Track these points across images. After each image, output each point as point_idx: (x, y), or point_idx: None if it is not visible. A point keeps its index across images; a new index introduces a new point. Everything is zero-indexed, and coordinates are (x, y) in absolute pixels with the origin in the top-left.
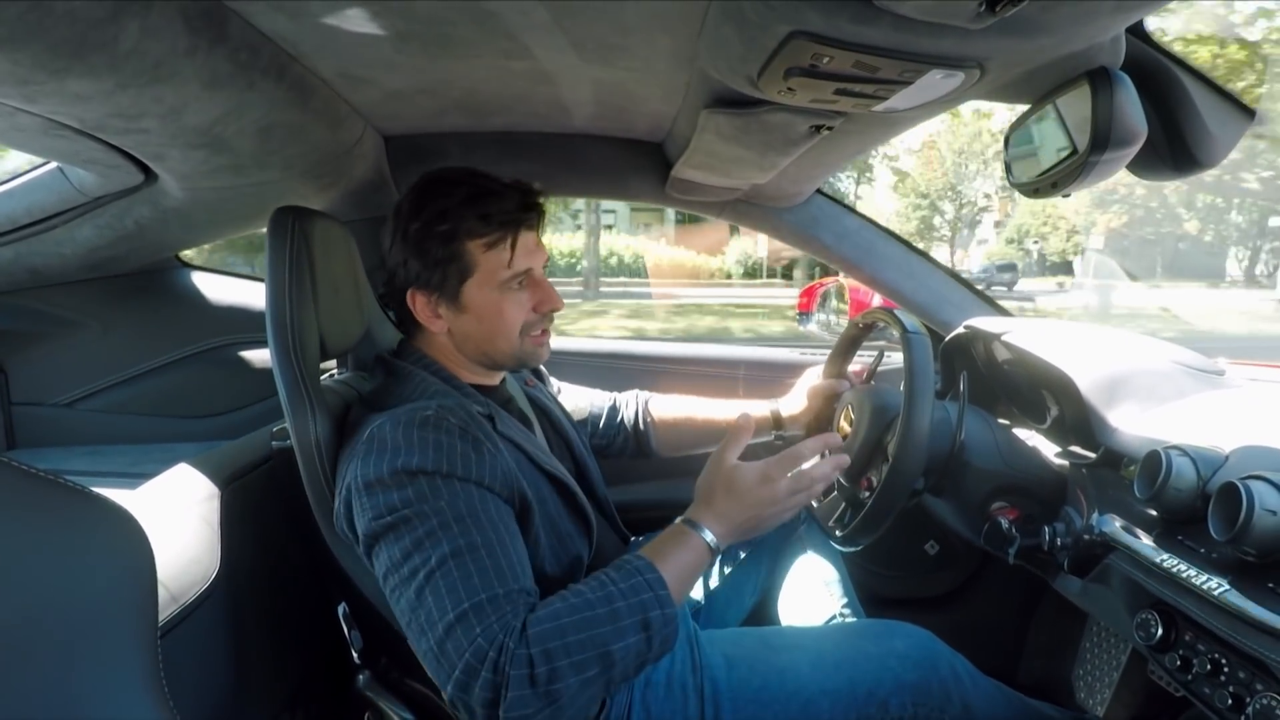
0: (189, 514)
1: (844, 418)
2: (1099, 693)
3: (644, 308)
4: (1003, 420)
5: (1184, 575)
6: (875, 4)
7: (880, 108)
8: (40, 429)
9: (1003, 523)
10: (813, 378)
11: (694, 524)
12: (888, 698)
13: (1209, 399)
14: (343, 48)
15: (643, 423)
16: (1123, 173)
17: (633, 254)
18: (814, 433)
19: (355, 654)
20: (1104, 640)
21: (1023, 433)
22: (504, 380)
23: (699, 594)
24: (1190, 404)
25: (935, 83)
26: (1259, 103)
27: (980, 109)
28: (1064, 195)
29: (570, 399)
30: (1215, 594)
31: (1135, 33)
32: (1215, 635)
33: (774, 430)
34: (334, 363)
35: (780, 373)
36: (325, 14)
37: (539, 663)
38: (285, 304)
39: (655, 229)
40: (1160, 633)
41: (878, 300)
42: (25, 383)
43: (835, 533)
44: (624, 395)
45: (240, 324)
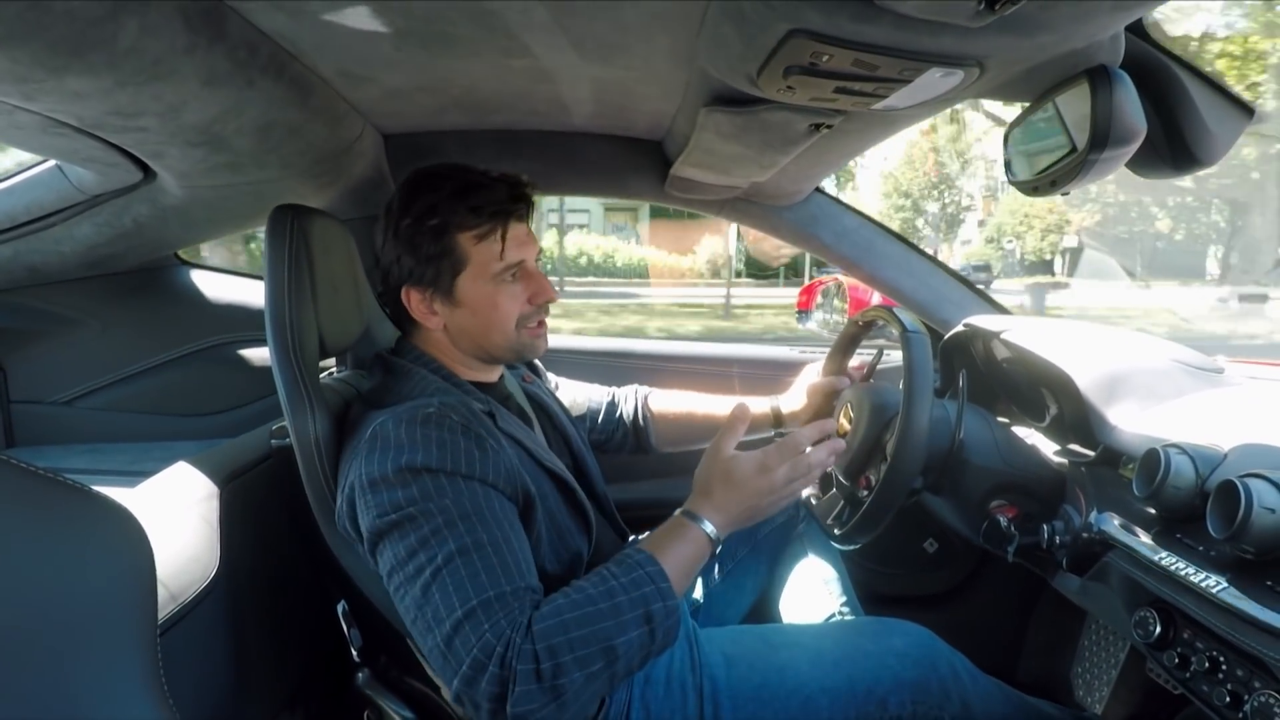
0: (188, 512)
1: (843, 415)
2: (1097, 690)
3: (589, 307)
4: (1002, 418)
5: (1182, 573)
6: (875, 2)
7: (879, 106)
8: (39, 427)
9: (1001, 521)
10: (812, 375)
11: (693, 515)
12: (887, 695)
13: (1208, 397)
14: (342, 46)
15: (642, 418)
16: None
17: (603, 254)
18: None
19: (355, 652)
20: (1102, 638)
21: (1022, 431)
22: (502, 377)
23: (698, 592)
24: (1189, 402)
25: (935, 81)
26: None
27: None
28: (1063, 194)
29: (568, 395)
30: (1213, 592)
31: (1134, 31)
32: (1213, 633)
33: (774, 427)
34: (333, 361)
35: (778, 371)
36: (324, 12)
37: (544, 658)
38: (284, 302)
39: (630, 229)
40: (1159, 630)
41: (877, 298)
42: (24, 381)
43: (834, 531)
44: (623, 390)
45: (239, 322)
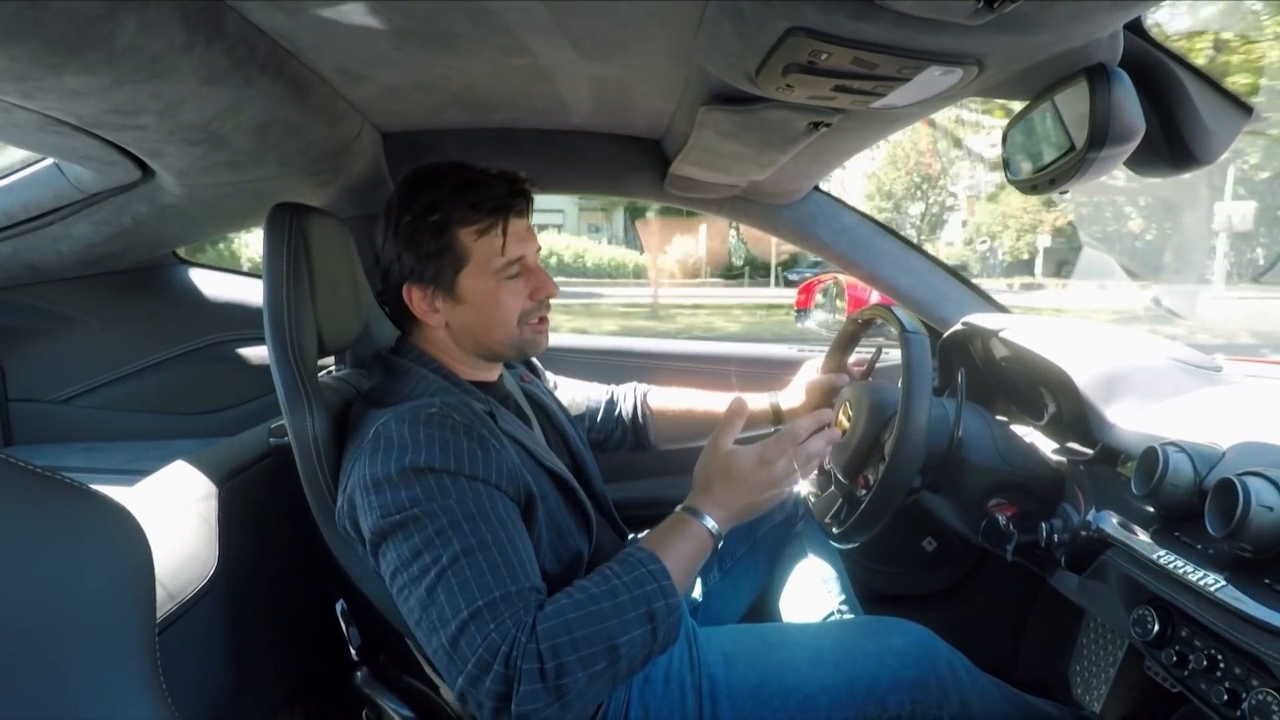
0: (187, 511)
1: (842, 413)
2: (1096, 688)
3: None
4: (1000, 417)
5: (1181, 571)
6: (874, 1)
7: (878, 104)
8: (37, 425)
9: (1000, 519)
10: (811, 372)
11: (694, 511)
12: (886, 695)
13: (1206, 396)
14: (340, 44)
15: (641, 415)
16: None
17: (573, 254)
18: None
19: (353, 651)
20: (1101, 636)
21: (1020, 429)
22: (501, 376)
23: (697, 591)
24: (1187, 401)
25: (934, 79)
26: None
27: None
28: (1061, 192)
29: (567, 394)
30: (1212, 590)
31: (1133, 29)
32: (1212, 631)
33: (773, 424)
34: (331, 360)
35: (777, 369)
36: (323, 10)
37: (548, 658)
38: (283, 301)
39: (605, 229)
40: (1157, 628)
41: (875, 297)
42: (22, 379)
43: (833, 530)
44: (622, 388)
45: (238, 321)
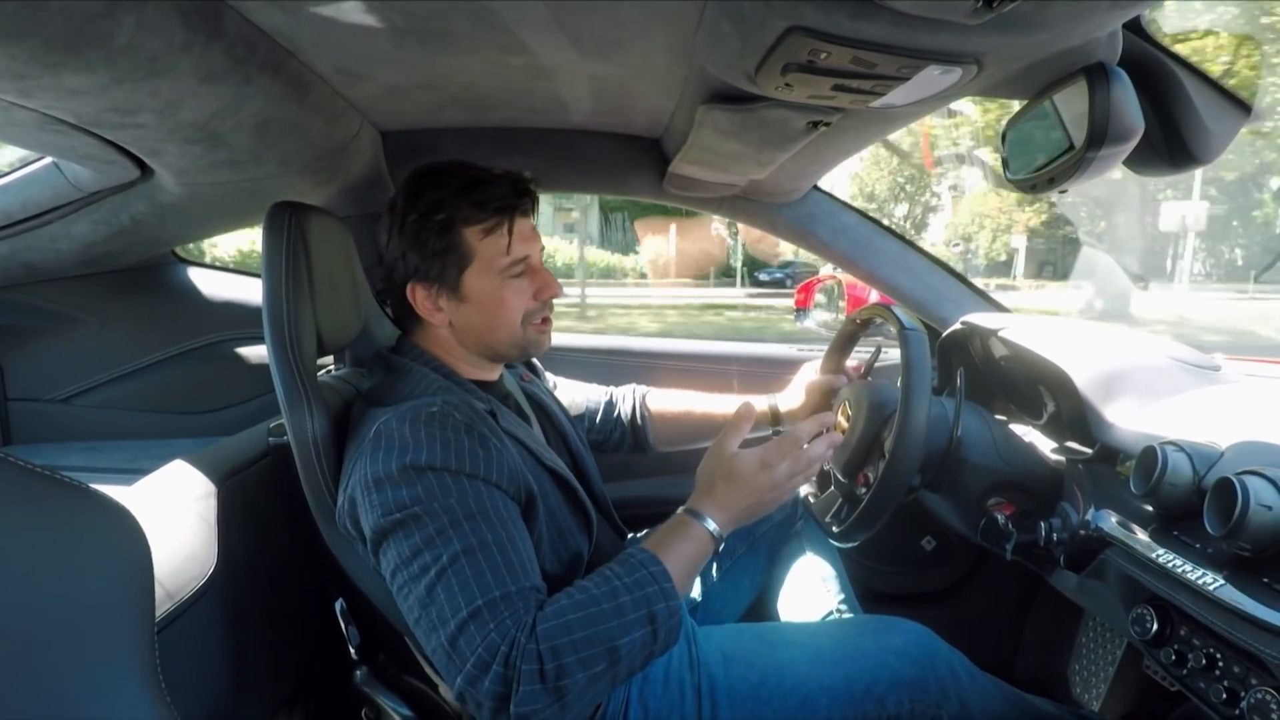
0: (186, 510)
1: (841, 413)
2: (1095, 687)
3: None
4: (999, 416)
5: (1179, 570)
6: (873, 0)
7: (878, 103)
8: (36, 424)
9: (999, 518)
10: (810, 373)
11: (696, 513)
12: (885, 694)
13: (1205, 395)
14: (339, 43)
15: (640, 417)
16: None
17: (544, 254)
18: None
19: (353, 650)
20: (1100, 635)
21: (1019, 429)
22: (501, 376)
23: (696, 591)
24: (1186, 400)
25: (933, 78)
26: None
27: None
28: (1061, 191)
29: (566, 394)
30: (1210, 589)
31: (1132, 28)
32: (1210, 630)
33: (771, 425)
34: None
35: (776, 369)
36: (322, 9)
37: (548, 659)
38: (282, 300)
39: (580, 229)
40: (1156, 627)
41: (874, 296)
42: (21, 378)
43: (832, 529)
44: (620, 390)
45: (237, 320)
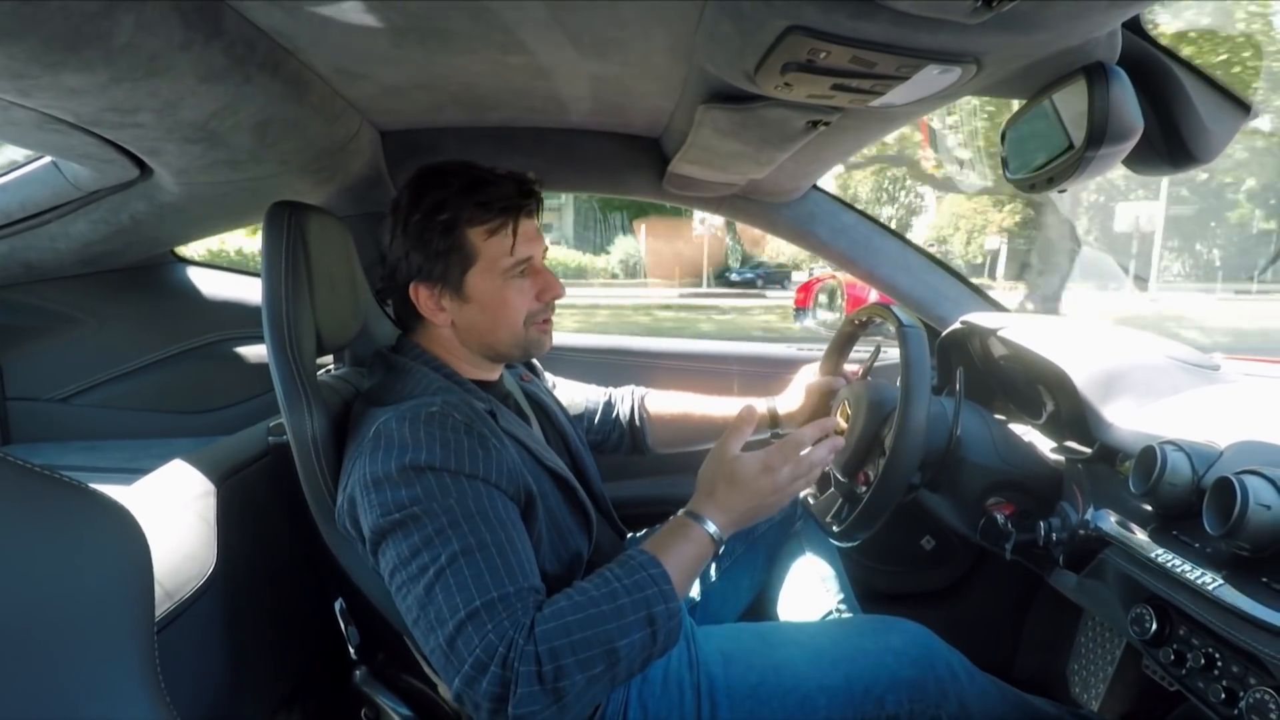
0: (185, 510)
1: (840, 413)
2: (1094, 687)
3: None
4: (999, 416)
5: (1178, 570)
6: None
7: (877, 103)
8: (36, 424)
9: (999, 518)
10: (809, 375)
11: (696, 516)
12: (884, 694)
13: (1204, 394)
14: (339, 42)
15: (638, 419)
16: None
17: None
18: None
19: (352, 650)
20: (1099, 635)
21: (1019, 428)
22: (501, 376)
23: (695, 590)
24: (1185, 399)
25: (932, 78)
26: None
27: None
28: (1060, 191)
29: (566, 394)
30: (1209, 589)
31: (1131, 28)
32: (1209, 630)
33: (770, 429)
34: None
35: (776, 368)
36: (321, 8)
37: (546, 660)
38: (281, 299)
39: (556, 229)
40: (1155, 627)
41: (874, 296)
42: (20, 378)
43: (832, 528)
44: (619, 391)
45: (236, 319)
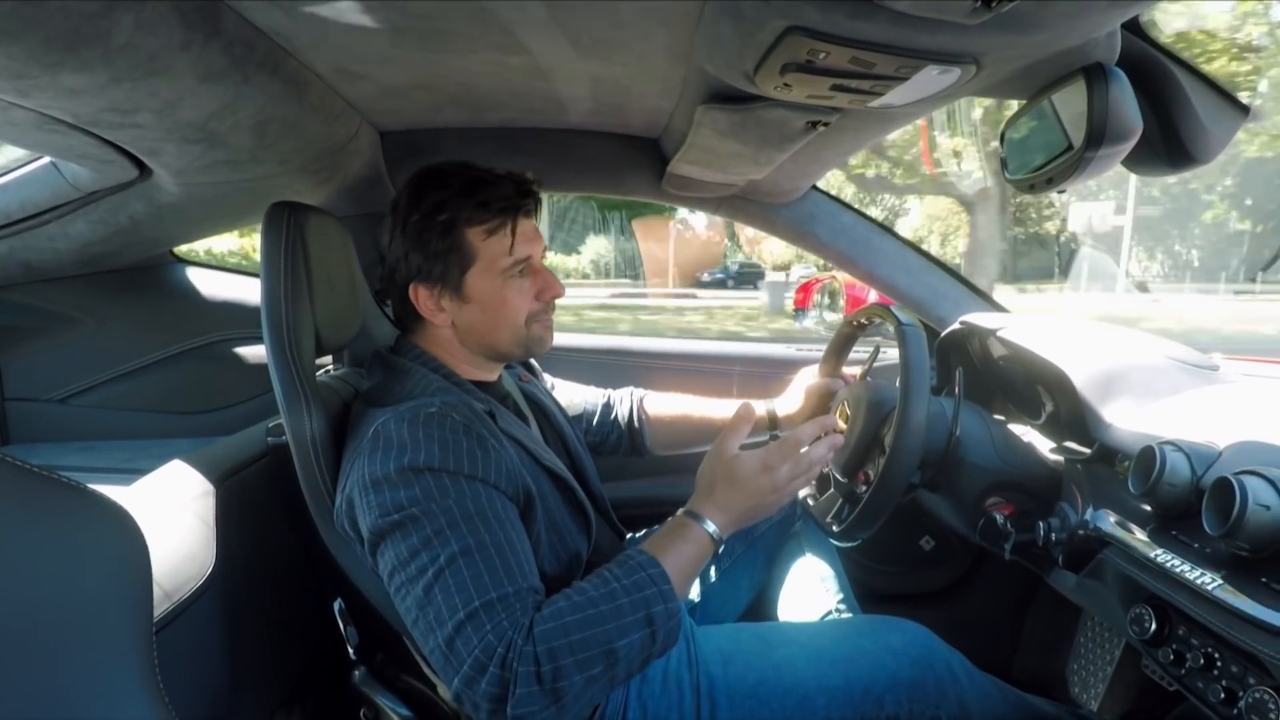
0: (184, 510)
1: (840, 414)
2: (1093, 687)
3: None
4: (998, 416)
5: (1178, 570)
6: (872, 0)
7: (876, 104)
8: (34, 424)
9: (998, 518)
10: (808, 376)
11: (695, 515)
12: (883, 694)
13: (1203, 395)
14: (338, 43)
15: (637, 420)
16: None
17: None
18: None
19: (351, 650)
20: (1098, 635)
21: (1018, 428)
22: (500, 376)
23: (695, 590)
24: (1185, 400)
25: (931, 78)
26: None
27: None
28: (1059, 191)
29: (564, 395)
30: (1209, 589)
31: (1130, 28)
32: (1209, 630)
33: (769, 430)
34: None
35: (775, 369)
36: (321, 8)
37: (544, 660)
38: (280, 299)
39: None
40: (1154, 627)
41: (873, 296)
42: (19, 378)
43: (831, 528)
44: (618, 392)
45: (235, 319)
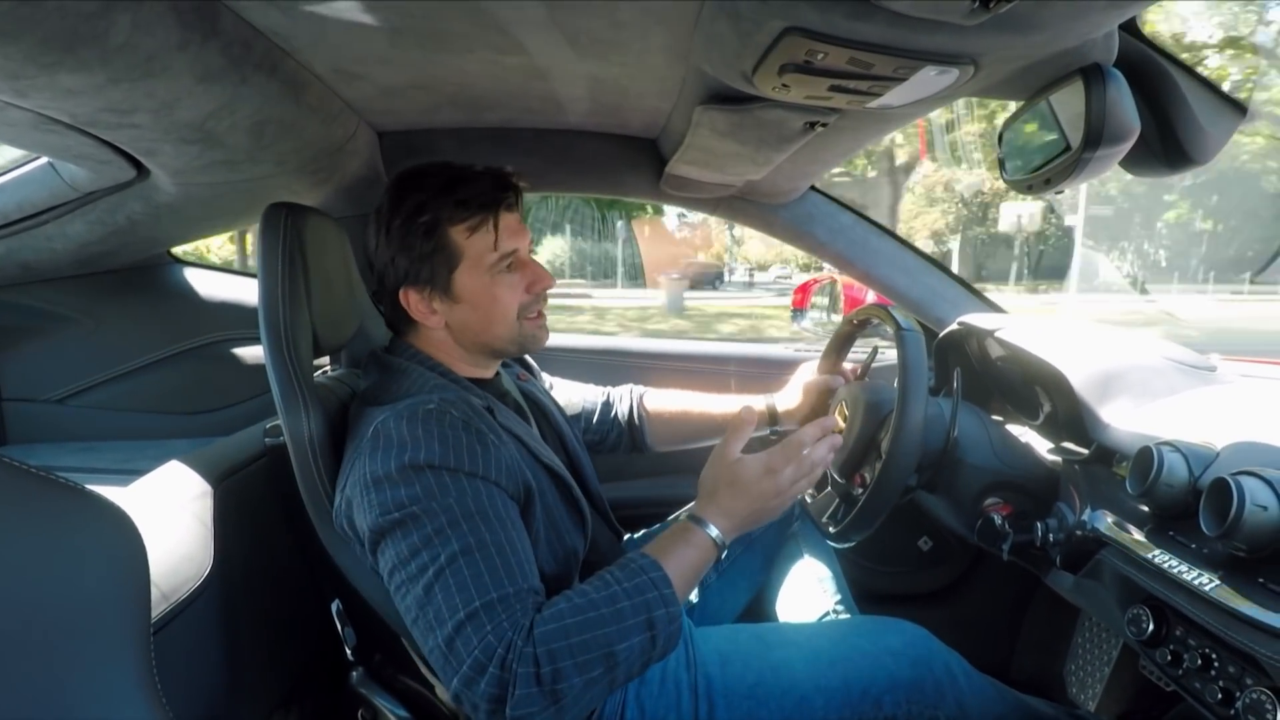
0: (182, 511)
1: (838, 413)
2: (1091, 687)
3: None
4: (996, 417)
5: (1175, 570)
6: (870, 0)
7: (874, 104)
8: (32, 425)
9: (996, 519)
10: (808, 373)
11: (699, 520)
12: (882, 695)
13: (1201, 395)
14: (336, 43)
15: (637, 417)
16: (948, 170)
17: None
18: None
19: (349, 651)
20: (1096, 635)
21: (1016, 429)
22: (498, 374)
23: (694, 591)
24: (1182, 400)
25: (929, 79)
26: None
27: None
28: (1057, 192)
29: (563, 394)
30: (1206, 589)
31: (1128, 29)
32: (1206, 630)
33: (769, 425)
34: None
35: (774, 369)
36: (319, 8)
37: (544, 662)
38: (278, 300)
39: None
40: (1151, 628)
41: (871, 297)
42: (16, 378)
43: (829, 529)
44: (618, 390)
45: (233, 320)
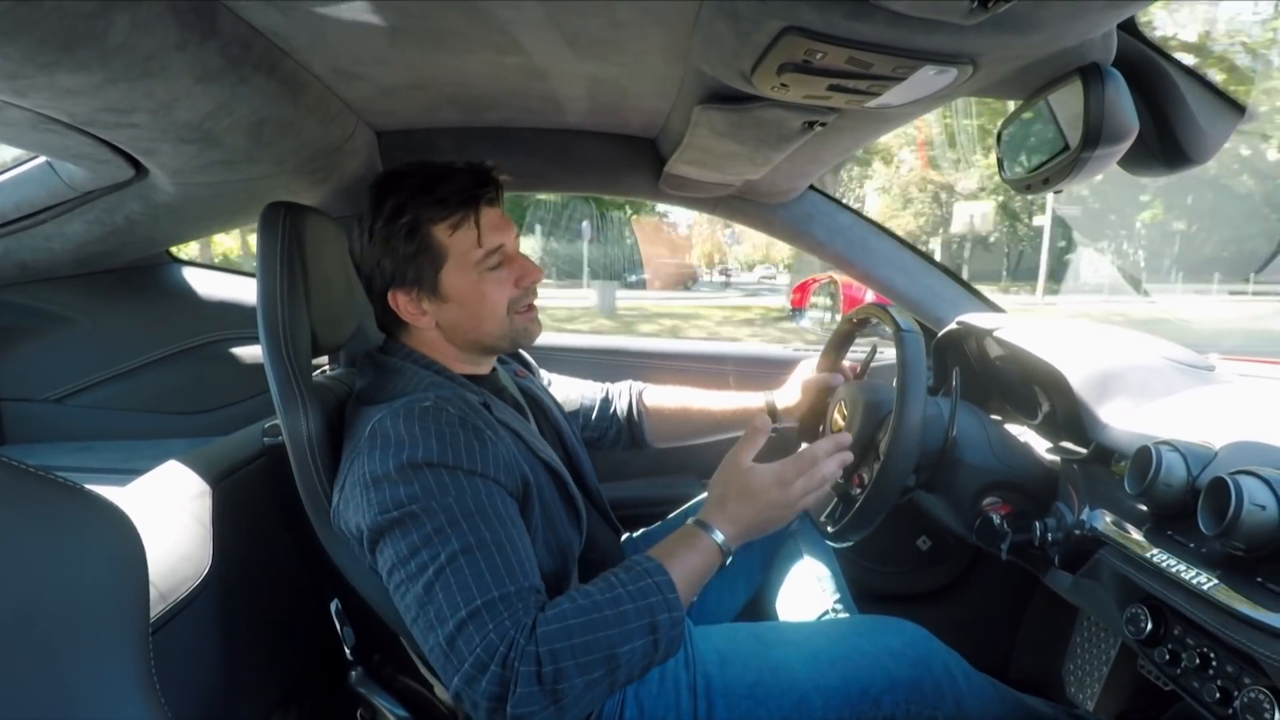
0: (180, 511)
1: (837, 413)
2: (1089, 687)
3: None
4: (995, 416)
5: (1173, 570)
6: (869, 0)
7: (873, 104)
8: (30, 425)
9: (994, 518)
10: (807, 371)
11: (705, 525)
12: (881, 695)
13: (1199, 395)
14: (335, 43)
15: (636, 413)
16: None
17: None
18: (807, 424)
19: (348, 650)
20: (1094, 635)
21: (1014, 429)
22: (495, 370)
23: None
24: (1181, 400)
25: (928, 79)
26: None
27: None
28: (1056, 191)
29: (561, 391)
30: (1204, 589)
31: (1127, 29)
32: (1204, 630)
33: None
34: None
35: (772, 369)
36: (317, 8)
37: (546, 662)
38: (277, 300)
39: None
40: (1149, 627)
41: (870, 296)
42: (15, 378)
43: (828, 529)
44: (617, 386)
45: (232, 319)
